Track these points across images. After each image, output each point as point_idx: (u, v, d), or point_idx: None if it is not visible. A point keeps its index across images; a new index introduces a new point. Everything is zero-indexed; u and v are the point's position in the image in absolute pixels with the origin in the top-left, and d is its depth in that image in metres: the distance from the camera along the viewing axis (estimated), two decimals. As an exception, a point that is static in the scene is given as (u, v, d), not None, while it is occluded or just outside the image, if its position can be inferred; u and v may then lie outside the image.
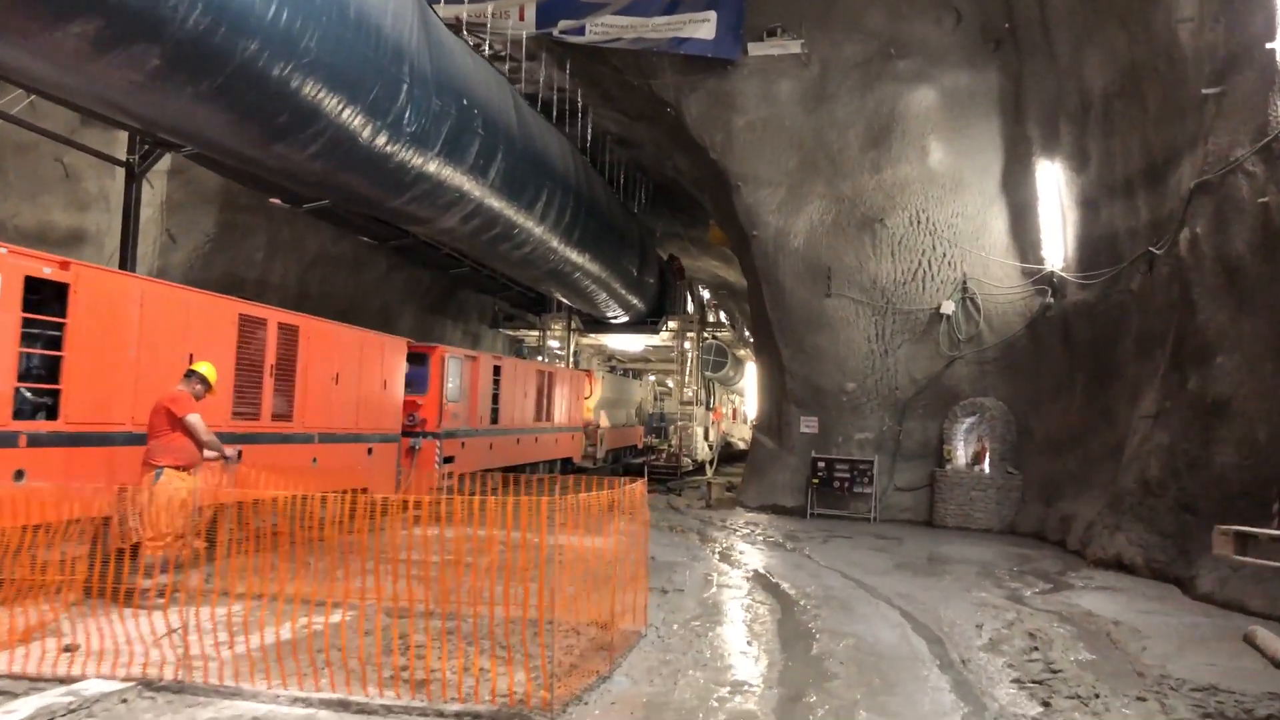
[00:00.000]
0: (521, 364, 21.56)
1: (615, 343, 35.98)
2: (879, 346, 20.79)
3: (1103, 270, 17.35)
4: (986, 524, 19.48)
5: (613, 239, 26.48)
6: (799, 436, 21.57)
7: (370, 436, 14.12)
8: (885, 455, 20.88)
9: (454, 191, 17.36)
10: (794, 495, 21.29)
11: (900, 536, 17.68)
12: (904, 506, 20.78)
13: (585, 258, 24.79)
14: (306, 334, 12.48)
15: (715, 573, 12.54)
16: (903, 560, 14.60)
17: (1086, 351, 18.08)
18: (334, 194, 16.18)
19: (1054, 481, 18.76)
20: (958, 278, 20.28)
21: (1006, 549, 16.49)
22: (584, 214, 23.68)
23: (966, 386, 20.45)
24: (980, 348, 20.19)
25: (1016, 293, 19.81)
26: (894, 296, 20.58)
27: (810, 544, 16.08)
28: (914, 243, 20.46)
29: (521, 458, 21.42)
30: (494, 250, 21.18)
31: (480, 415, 18.63)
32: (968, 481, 19.74)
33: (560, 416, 24.28)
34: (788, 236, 21.14)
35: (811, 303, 21.02)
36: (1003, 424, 19.85)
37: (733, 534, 17.00)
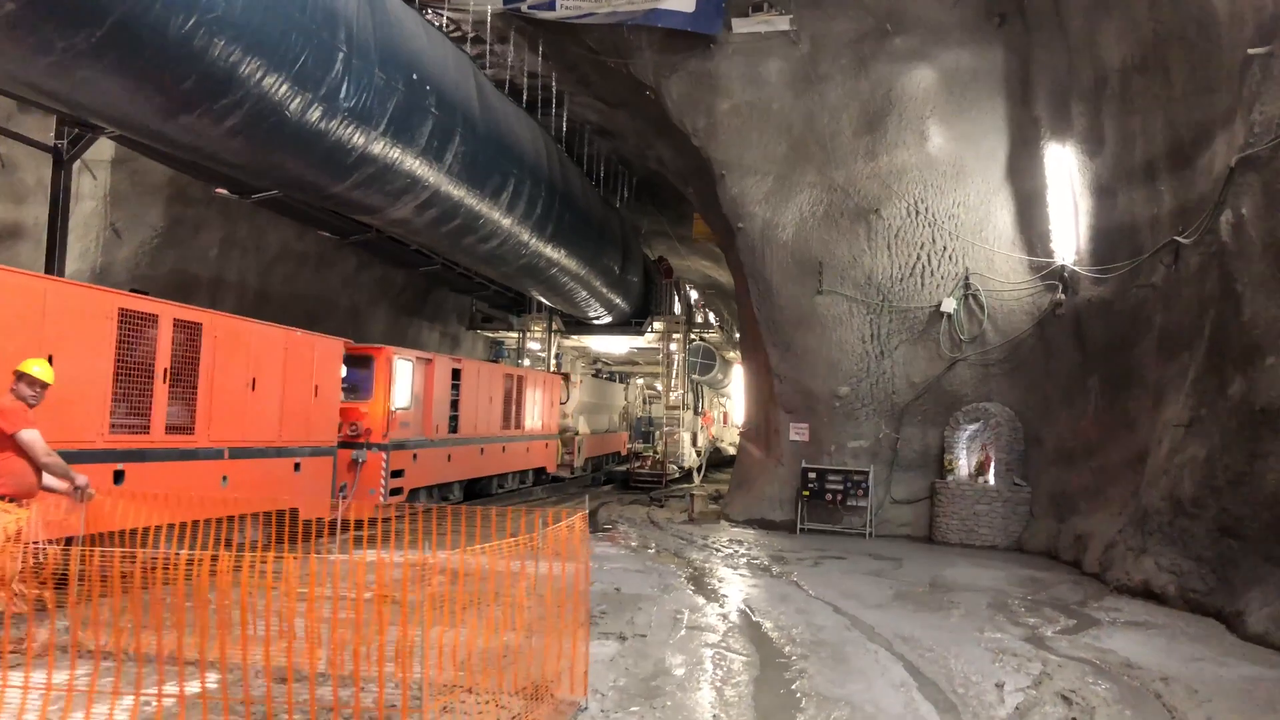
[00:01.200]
0: (486, 367, 19.74)
1: (598, 344, 34.13)
2: (874, 347, 18.97)
3: (1120, 263, 15.57)
4: (992, 540, 17.66)
5: (591, 234, 24.66)
6: (788, 445, 19.74)
7: (298, 450, 12.27)
8: (881, 465, 19.06)
9: (404, 177, 15.54)
10: (783, 509, 19.46)
11: (899, 556, 15.85)
12: (902, 521, 18.96)
13: (561, 253, 22.97)
14: (213, 332, 10.64)
15: (687, 609, 10.68)
16: (903, 588, 12.78)
17: (1102, 353, 16.27)
18: (270, 178, 14.36)
19: (1066, 495, 16.95)
20: (959, 273, 18.47)
21: (1016, 571, 14.67)
22: (558, 206, 21.87)
23: (969, 391, 18.63)
24: (984, 349, 18.38)
25: (1024, 289, 17.99)
26: (890, 293, 18.77)
27: (799, 567, 14.24)
28: (912, 235, 18.65)
29: (487, 469, 19.58)
30: (458, 244, 19.35)
31: (436, 424, 16.78)
32: (971, 494, 17.92)
33: (532, 423, 22.43)
34: (776, 229, 19.31)
35: (801, 300, 19.20)
36: (1009, 432, 18.04)
37: (714, 555, 15.16)
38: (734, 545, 16.34)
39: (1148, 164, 14.93)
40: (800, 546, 16.65)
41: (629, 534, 17.25)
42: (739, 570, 13.69)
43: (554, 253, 22.56)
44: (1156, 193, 14.86)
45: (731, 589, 12.13)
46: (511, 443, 20.83)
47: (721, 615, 10.40)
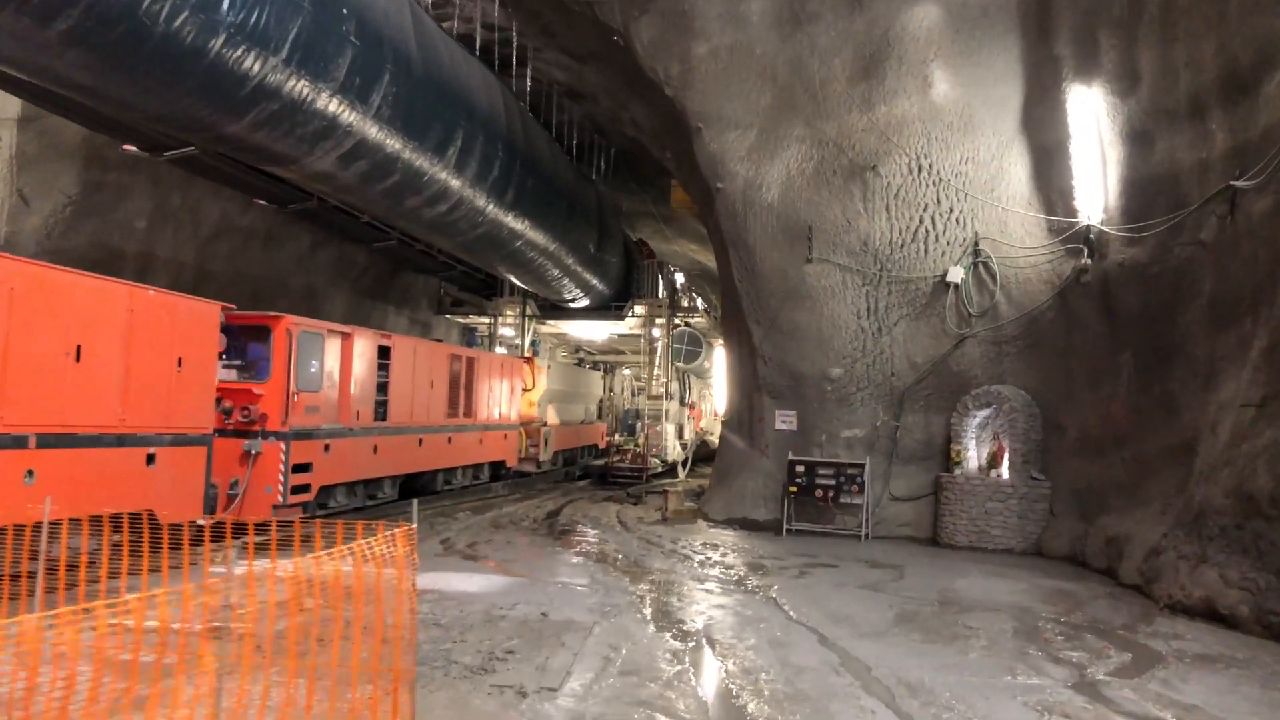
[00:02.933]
0: (425, 345, 17.09)
1: (577, 330, 31.49)
2: (871, 323, 16.37)
3: (1158, 219, 13.00)
4: (1006, 543, 15.07)
5: (560, 205, 22.04)
6: (773, 435, 17.15)
7: (152, 438, 9.67)
8: (879, 457, 16.47)
9: (318, 118, 12.94)
10: (767, 506, 16.87)
11: (900, 563, 13.26)
12: (902, 520, 16.36)
13: (525, 224, 20.36)
14: (8, 283, 8.01)
15: (627, 643, 8.09)
16: (906, 606, 10.19)
17: (1136, 324, 13.68)
18: (142, 110, 11.72)
19: (1093, 491, 14.37)
20: (968, 238, 15.87)
21: (1040, 583, 12.08)
22: (520, 170, 19.25)
23: (979, 372, 16.03)
24: (996, 324, 15.78)
25: (1041, 254, 15.39)
26: (889, 261, 16.17)
27: (781, 578, 11.66)
28: (914, 195, 16.04)
29: (428, 463, 16.94)
30: (400, 206, 16.74)
31: (357, 410, 14.18)
32: (982, 490, 15.33)
33: (488, 412, 19.78)
34: (759, 189, 16.70)
35: (788, 270, 16.59)
36: (1025, 418, 15.44)
37: (681, 563, 12.57)
38: (708, 550, 13.74)
39: (1194, 99, 12.37)
40: (785, 551, 14.06)
41: (588, 538, 14.67)
42: (707, 584, 11.09)
43: (516, 222, 19.96)
44: (1205, 133, 12.30)
45: (693, 611, 9.53)
46: (460, 433, 18.20)
47: (671, 653, 7.79)
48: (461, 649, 7.41)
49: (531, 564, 11.79)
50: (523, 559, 12.19)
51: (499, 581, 10.47)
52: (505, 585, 10.27)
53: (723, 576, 11.61)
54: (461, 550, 12.65)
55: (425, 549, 12.64)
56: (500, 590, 9.96)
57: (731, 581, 11.30)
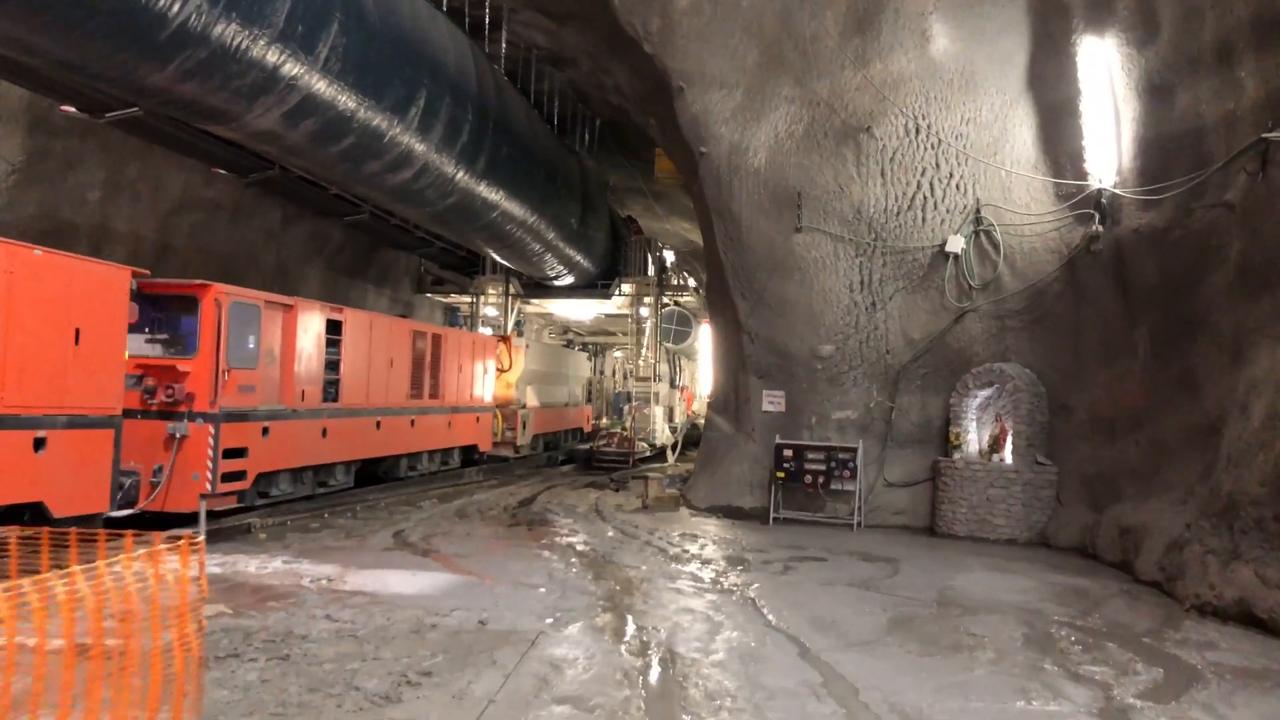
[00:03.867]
0: (384, 321, 15.73)
1: (563, 309, 30.17)
2: (864, 297, 15.09)
3: (1178, 180, 11.70)
4: (1009, 533, 13.84)
5: (539, 176, 20.70)
6: (760, 417, 15.89)
7: (40, 420, 8.40)
8: (873, 440, 15.22)
9: (255, 68, 11.61)
10: (753, 493, 15.62)
11: (894, 556, 12.03)
12: (897, 508, 15.12)
13: (500, 194, 19.03)
14: None
15: (575, 656, 6.84)
16: (901, 608, 8.95)
17: (1153, 295, 12.40)
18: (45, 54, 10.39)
19: (1104, 477, 13.13)
20: (969, 204, 14.58)
21: (1049, 579, 10.85)
22: (493, 136, 17.92)
23: (981, 349, 14.77)
24: (999, 297, 14.51)
25: (1048, 222, 14.10)
26: (884, 230, 14.87)
27: (763, 575, 10.42)
28: (911, 159, 14.73)
29: (388, 448, 15.64)
30: (360, 172, 15.41)
31: (302, 390, 12.88)
32: (983, 476, 14.08)
33: (457, 393, 18.46)
34: (745, 153, 15.38)
35: (776, 239, 15.29)
36: (1030, 398, 14.18)
37: (655, 557, 11.33)
38: (686, 542, 12.50)
39: (1221, 44, 11.05)
40: (770, 543, 12.82)
41: (558, 529, 13.43)
42: (680, 582, 9.83)
43: (490, 192, 18.62)
44: (1233, 81, 10.98)
45: (659, 616, 8.27)
46: (425, 416, 16.89)
47: (623, 673, 6.53)
48: (370, 670, 6.16)
49: (487, 559, 10.55)
50: (479, 553, 10.95)
51: (444, 581, 9.24)
52: (449, 585, 9.03)
53: (698, 573, 10.36)
54: (414, 543, 11.41)
55: (374, 542, 11.41)
56: (442, 592, 8.72)
57: (707, 579, 10.05)
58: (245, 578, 8.99)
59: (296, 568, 9.54)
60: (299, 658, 6.32)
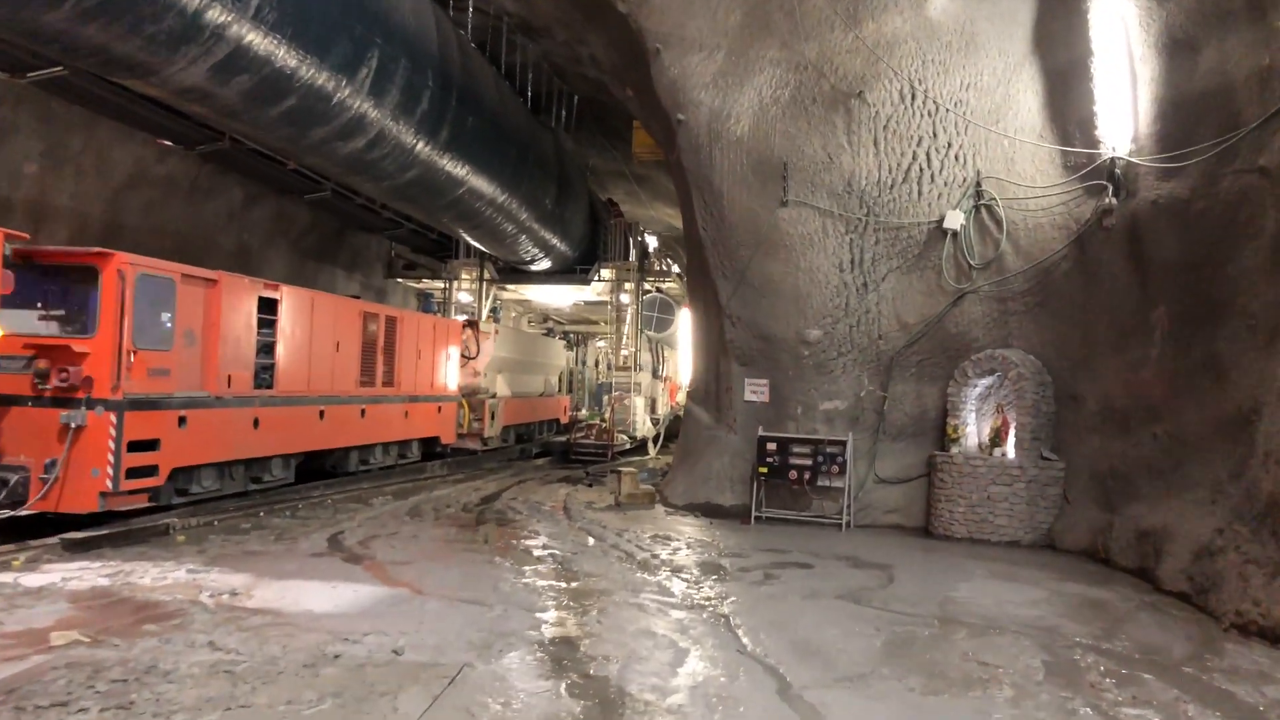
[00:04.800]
0: (329, 301, 14.27)
1: (539, 295, 28.78)
2: (855, 277, 13.78)
3: (1204, 144, 10.39)
4: (1012, 534, 12.56)
5: (510, 152, 19.32)
6: (742, 407, 14.57)
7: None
8: (863, 433, 13.92)
9: (171, 11, 10.24)
10: (734, 490, 14.32)
11: (888, 561, 10.72)
12: (890, 506, 13.84)
13: (466, 169, 17.65)
14: None
15: (499, 701, 5.50)
16: (897, 628, 7.64)
17: (1173, 273, 11.10)
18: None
19: (1118, 474, 11.85)
20: (968, 177, 13.27)
21: (1061, 588, 9.57)
22: (457, 106, 16.54)
23: (981, 333, 13.48)
24: (1001, 277, 13.21)
25: (1055, 195, 12.79)
26: (877, 204, 13.55)
27: (741, 585, 9.11)
28: (906, 127, 13.41)
29: (333, 439, 14.24)
30: (306, 138, 14.02)
31: (227, 374, 11.49)
32: (984, 472, 12.79)
33: (415, 381, 17.04)
34: (727, 120, 14.03)
35: (759, 214, 13.96)
36: (1035, 387, 12.89)
37: (621, 563, 10.00)
38: (657, 546, 11.17)
39: (1256, -10, 9.75)
40: (750, 546, 11.51)
41: (517, 530, 12.10)
42: (644, 595, 8.50)
43: (455, 167, 17.24)
44: (1268, 33, 9.67)
45: (614, 643, 6.93)
46: (378, 405, 15.49)
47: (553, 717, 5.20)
48: (230, 723, 4.81)
49: (427, 567, 9.20)
50: (420, 559, 9.60)
51: (368, 595, 7.89)
52: (373, 601, 7.69)
53: (667, 584, 9.02)
54: (349, 547, 10.05)
55: (304, 546, 10.04)
56: (361, 609, 7.38)
57: (676, 592, 8.72)
58: (134, 591, 7.62)
59: (201, 578, 8.18)
60: (145, 706, 4.98)
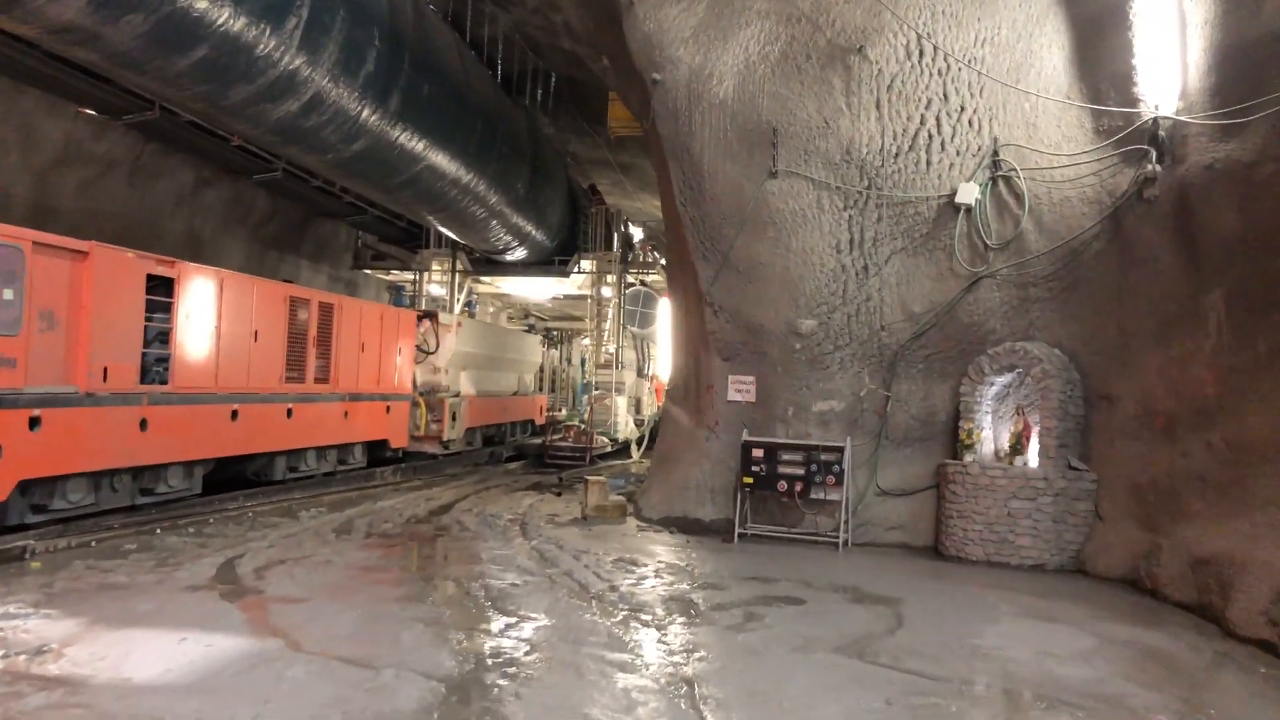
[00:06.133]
0: (242, 282, 12.16)
1: (516, 288, 26.85)
2: (855, 259, 11.89)
3: (1270, 97, 8.53)
4: (1036, 557, 10.68)
5: (474, 127, 17.42)
6: (725, 408, 12.68)
7: None
8: (863, 438, 12.04)
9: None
10: (715, 502, 12.42)
11: (895, 595, 8.82)
12: (893, 522, 11.95)
13: (422, 143, 15.76)
14: None
15: None
16: (917, 699, 5.76)
17: (1231, 251, 9.22)
18: None
19: (1161, 488, 9.96)
20: (984, 145, 11.39)
21: (1109, 631, 7.68)
22: (410, 71, 14.65)
23: (999, 324, 11.60)
24: (1022, 259, 11.32)
25: (1086, 163, 10.91)
26: (880, 176, 11.66)
27: (713, 633, 7.21)
28: (913, 88, 11.52)
29: (251, 444, 12.29)
30: (227, 98, 12.12)
31: (103, 366, 9.56)
32: (1003, 483, 10.90)
33: (358, 378, 15.08)
34: (709, 80, 12.14)
35: (745, 187, 12.06)
36: (1061, 385, 11.00)
37: (570, 599, 8.10)
38: (620, 573, 9.26)
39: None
40: (732, 572, 9.61)
41: (458, 552, 10.20)
42: (587, 650, 6.58)
43: (410, 140, 15.34)
44: (1361, -46, 7.83)
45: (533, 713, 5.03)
46: (309, 404, 13.55)
47: None
48: None
49: (321, 609, 7.28)
50: (318, 597, 7.68)
51: (221, 653, 5.98)
52: (223, 663, 5.78)
53: (620, 632, 7.11)
54: (238, 580, 8.14)
55: (181, 577, 8.12)
56: (198, 678, 5.47)
57: (631, 644, 6.80)
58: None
59: (11, 627, 6.26)
60: None
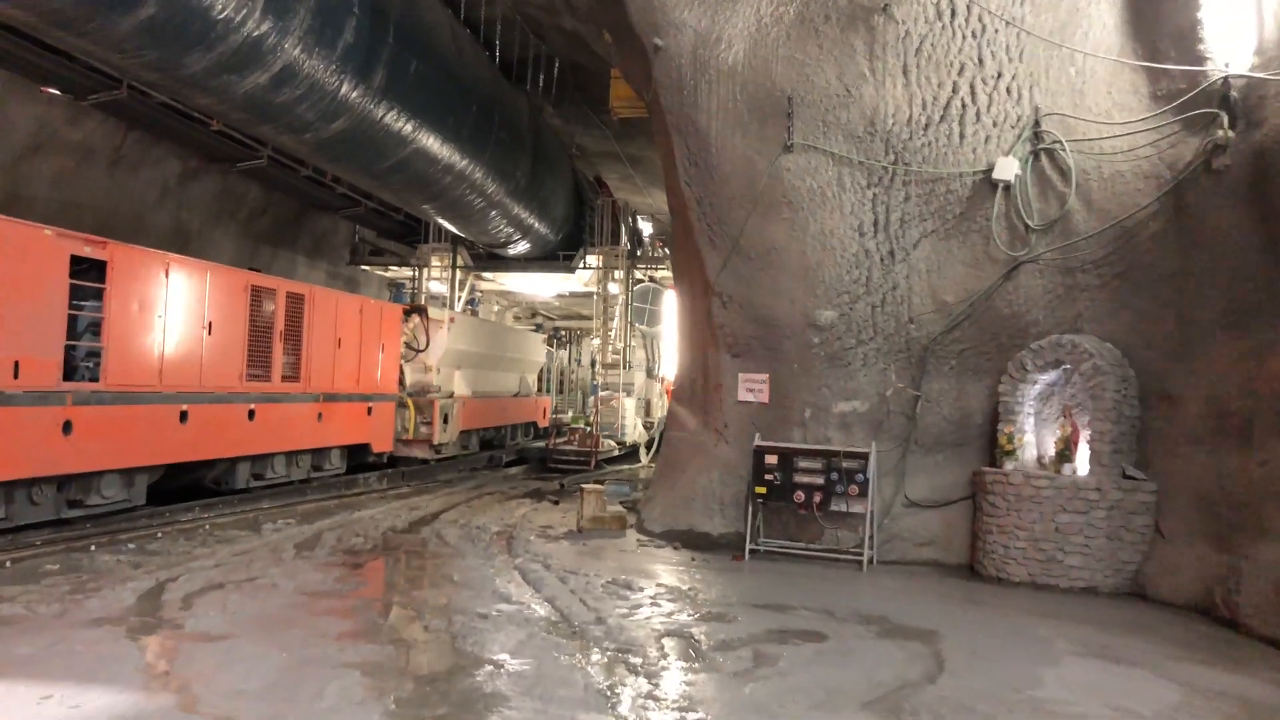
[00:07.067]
0: (194, 267, 10.80)
1: (520, 284, 25.61)
2: (880, 243, 10.56)
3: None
4: (1088, 578, 9.32)
5: (469, 110, 16.19)
6: (735, 409, 11.37)
7: None
8: (890, 443, 10.71)
9: None
10: (724, 514, 11.12)
11: (931, 627, 7.50)
12: (922, 537, 10.60)
13: (410, 125, 14.55)
14: None
15: None
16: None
17: (1322, 228, 7.86)
18: None
19: (1235, 500, 8.60)
20: (1024, 114, 10.05)
21: (1193, 677, 6.35)
22: (396, 46, 13.44)
23: (1042, 315, 10.24)
24: (1068, 241, 9.97)
25: (1142, 132, 9.56)
26: (907, 150, 10.33)
27: (715, 682, 5.92)
28: (944, 51, 10.20)
29: (204, 449, 11.03)
30: (183, 68, 10.93)
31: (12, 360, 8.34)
32: (1049, 495, 9.54)
33: (334, 376, 13.80)
34: (716, 46, 10.85)
35: (757, 163, 10.76)
36: (1115, 383, 9.63)
37: (547, 636, 6.82)
38: (611, 600, 7.98)
39: None
40: (740, 598, 8.31)
41: (429, 572, 8.94)
42: (554, 706, 5.29)
43: (397, 121, 14.13)
44: None
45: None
46: (275, 405, 12.28)
47: None
48: None
49: (240, 651, 6.02)
50: (244, 633, 6.42)
51: (87, 716, 4.73)
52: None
53: (599, 681, 5.82)
54: (158, 610, 6.90)
55: (91, 607, 6.89)
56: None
57: (613, 698, 5.51)
58: None
59: None
60: None
